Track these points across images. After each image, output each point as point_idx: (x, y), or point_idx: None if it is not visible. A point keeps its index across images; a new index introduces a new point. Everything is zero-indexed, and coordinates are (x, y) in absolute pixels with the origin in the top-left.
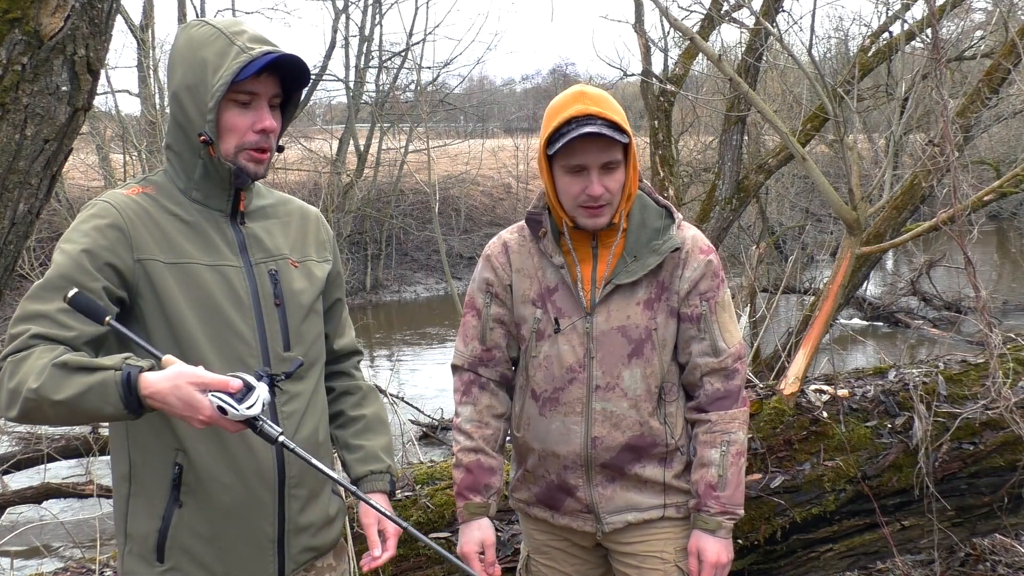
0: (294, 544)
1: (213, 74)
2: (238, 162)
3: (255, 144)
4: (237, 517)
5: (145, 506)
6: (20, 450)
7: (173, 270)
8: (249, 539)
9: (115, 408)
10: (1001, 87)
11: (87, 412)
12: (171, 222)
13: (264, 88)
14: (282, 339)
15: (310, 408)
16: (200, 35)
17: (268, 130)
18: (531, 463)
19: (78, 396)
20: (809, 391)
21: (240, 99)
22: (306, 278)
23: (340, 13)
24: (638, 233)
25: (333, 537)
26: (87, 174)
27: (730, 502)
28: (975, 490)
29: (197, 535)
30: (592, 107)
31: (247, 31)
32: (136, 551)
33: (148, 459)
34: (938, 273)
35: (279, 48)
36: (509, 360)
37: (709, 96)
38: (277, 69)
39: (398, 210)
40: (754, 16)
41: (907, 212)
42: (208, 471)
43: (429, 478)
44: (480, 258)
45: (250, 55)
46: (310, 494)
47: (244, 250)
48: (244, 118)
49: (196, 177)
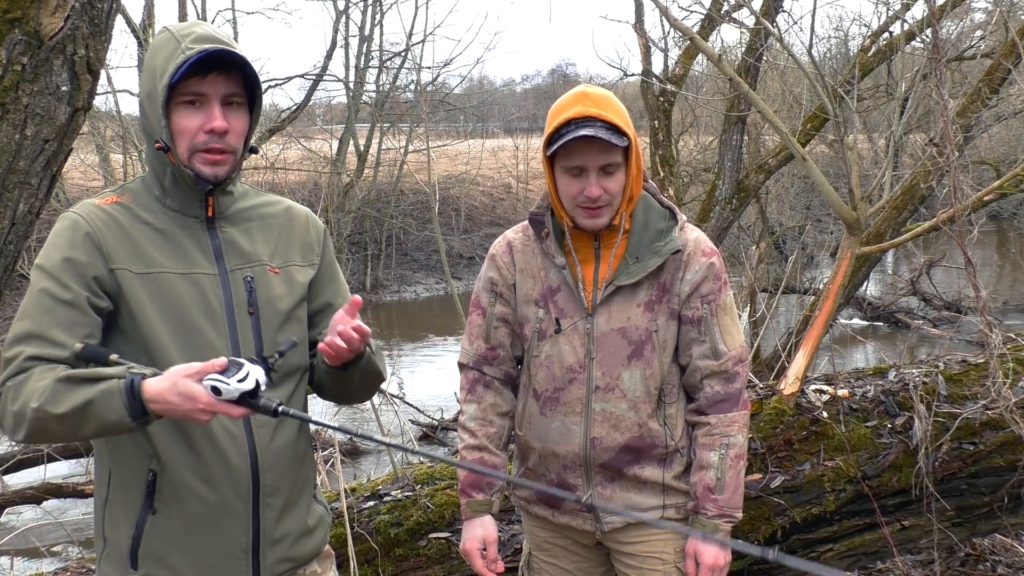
0: (269, 555)
1: (160, 79)
2: (192, 165)
3: (205, 145)
4: (210, 526)
5: (120, 512)
6: (20, 450)
7: (143, 280)
8: (222, 548)
9: (119, 416)
10: (1001, 87)
11: (92, 422)
12: (142, 231)
13: (213, 88)
14: (255, 348)
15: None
16: (156, 42)
17: (217, 130)
18: (532, 462)
19: (83, 406)
20: (809, 391)
21: (186, 100)
22: (286, 284)
23: (341, 13)
24: (641, 234)
25: (313, 547)
26: (87, 174)
27: (728, 505)
28: (975, 490)
29: (170, 543)
30: (592, 109)
31: (195, 32)
32: (112, 556)
33: (124, 465)
34: (938, 273)
35: (222, 46)
36: (513, 359)
37: (709, 96)
38: (231, 68)
39: (398, 210)
40: (754, 16)
41: (907, 212)
42: (181, 479)
43: (429, 478)
44: (486, 257)
45: (186, 55)
46: (286, 503)
47: (220, 256)
48: (193, 119)
49: (167, 185)
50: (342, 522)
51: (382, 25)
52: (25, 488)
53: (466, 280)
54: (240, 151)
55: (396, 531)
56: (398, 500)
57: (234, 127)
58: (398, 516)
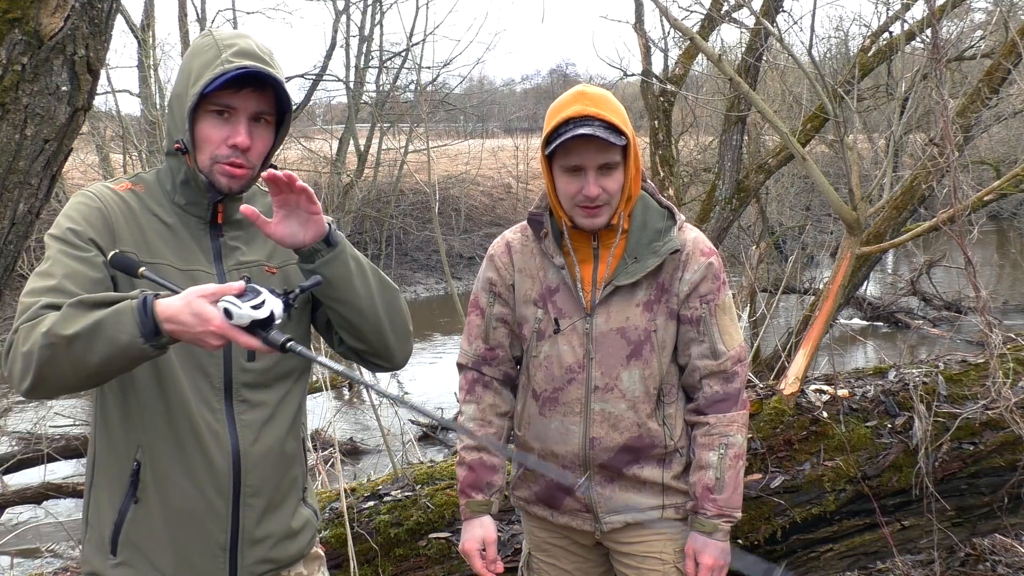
0: (248, 555)
1: (193, 84)
2: (211, 175)
3: (227, 158)
4: (190, 521)
5: (105, 497)
6: (20, 450)
7: (146, 269)
8: (200, 545)
9: (131, 336)
10: (1001, 87)
11: (103, 345)
12: (151, 222)
13: (244, 104)
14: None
15: (275, 419)
16: (198, 45)
17: (240, 146)
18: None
19: (94, 326)
20: (809, 391)
21: (216, 110)
22: (283, 284)
23: (340, 13)
24: (639, 234)
25: (296, 550)
26: (87, 174)
27: (727, 505)
28: (975, 490)
29: (149, 534)
30: (591, 108)
31: (238, 45)
32: (94, 540)
33: (112, 451)
34: (938, 273)
35: (263, 65)
36: (512, 359)
37: (709, 96)
38: (265, 87)
39: (398, 210)
40: (754, 16)
41: (907, 212)
42: (164, 472)
43: (429, 478)
44: (485, 257)
45: (224, 68)
46: (268, 504)
47: (219, 259)
48: (219, 131)
49: (178, 183)
50: (342, 522)
51: (382, 25)
52: (25, 488)
53: (466, 280)
54: (258, 167)
55: (396, 531)
56: (398, 500)
57: (256, 145)
58: (398, 516)
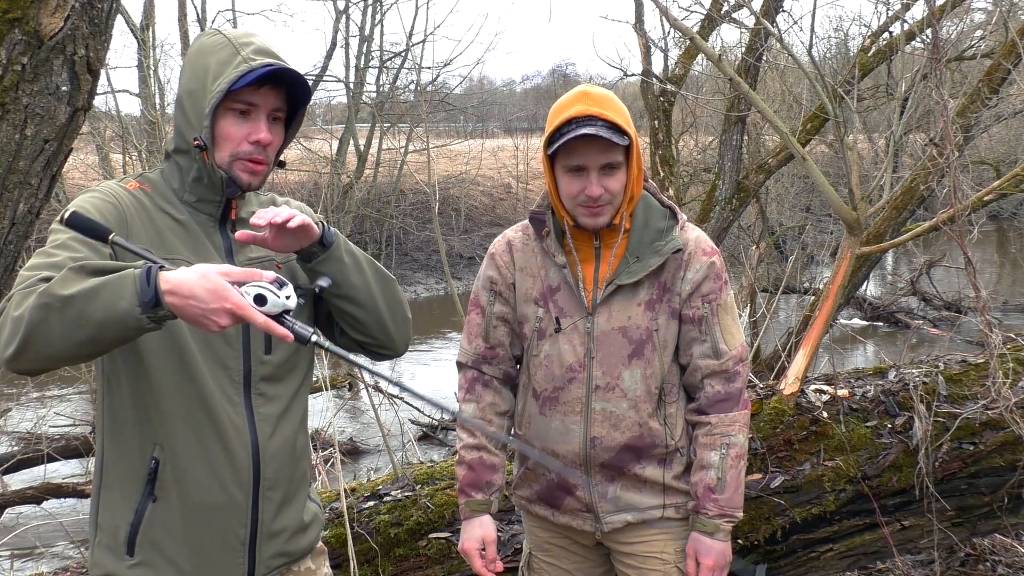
0: (266, 548)
1: (213, 81)
2: (232, 171)
3: (249, 155)
4: (210, 516)
5: (118, 499)
6: (20, 450)
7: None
8: (220, 540)
9: (129, 304)
10: (1001, 87)
11: (99, 310)
12: (164, 219)
13: (264, 101)
14: (263, 341)
15: (289, 413)
16: (210, 43)
17: (263, 142)
18: (532, 461)
19: (93, 288)
20: (809, 391)
21: (238, 108)
22: (289, 278)
23: (341, 13)
24: (641, 234)
25: (307, 543)
26: (87, 174)
27: (728, 505)
28: (975, 490)
29: (169, 531)
30: (593, 108)
31: (255, 43)
32: (105, 543)
33: (123, 452)
34: (938, 273)
35: (284, 63)
36: (512, 358)
37: (709, 96)
38: (281, 84)
39: (398, 210)
40: (754, 16)
41: (907, 212)
42: (184, 468)
43: (429, 478)
44: (485, 256)
45: (250, 65)
46: (284, 498)
47: (230, 255)
48: (240, 128)
49: (189, 180)
50: (342, 522)
51: (382, 25)
52: (25, 488)
53: (466, 280)
54: (272, 163)
55: (396, 531)
56: (398, 500)
57: (274, 141)
58: (398, 516)
